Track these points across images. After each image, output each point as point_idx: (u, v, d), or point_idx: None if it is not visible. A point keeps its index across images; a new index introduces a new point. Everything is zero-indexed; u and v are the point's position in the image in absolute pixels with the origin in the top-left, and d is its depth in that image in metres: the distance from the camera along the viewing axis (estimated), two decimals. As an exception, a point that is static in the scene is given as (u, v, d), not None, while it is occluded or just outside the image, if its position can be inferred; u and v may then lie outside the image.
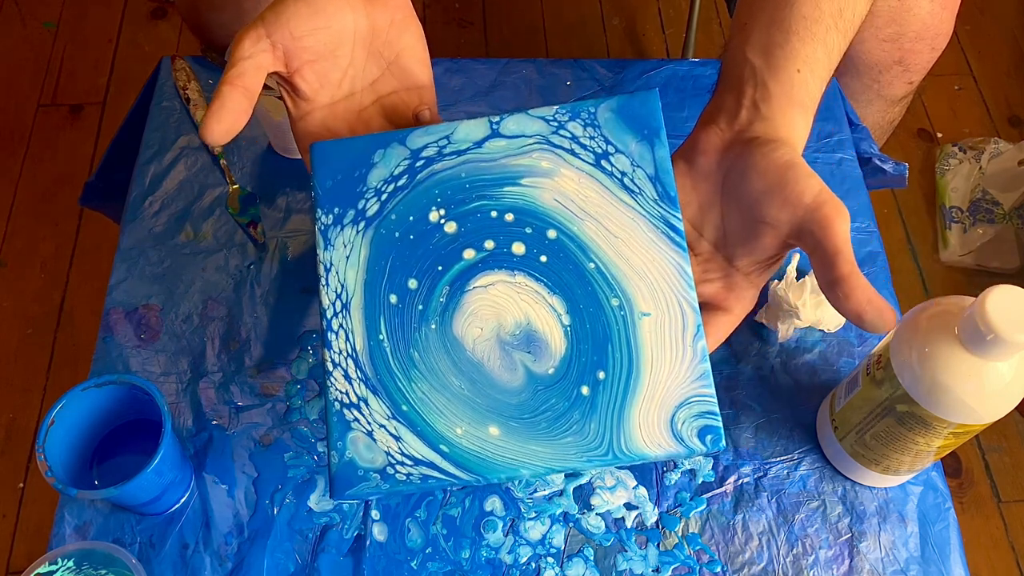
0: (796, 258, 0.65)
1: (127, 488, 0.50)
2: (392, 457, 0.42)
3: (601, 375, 0.43)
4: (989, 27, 1.56)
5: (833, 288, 0.42)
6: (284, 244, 0.67)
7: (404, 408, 0.44)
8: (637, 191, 0.46)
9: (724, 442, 0.42)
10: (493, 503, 0.57)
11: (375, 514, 0.57)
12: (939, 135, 1.45)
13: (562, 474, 0.58)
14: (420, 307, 0.45)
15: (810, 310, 0.62)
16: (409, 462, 0.42)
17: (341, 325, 0.45)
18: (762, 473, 0.59)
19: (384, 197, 0.46)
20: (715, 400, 0.42)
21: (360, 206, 0.46)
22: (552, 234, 0.45)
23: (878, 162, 0.75)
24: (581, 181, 0.46)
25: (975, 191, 1.35)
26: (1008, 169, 1.34)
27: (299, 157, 0.70)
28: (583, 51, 1.50)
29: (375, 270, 0.45)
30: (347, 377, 0.44)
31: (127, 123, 0.76)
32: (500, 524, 0.57)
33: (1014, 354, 0.45)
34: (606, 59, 0.84)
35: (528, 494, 0.58)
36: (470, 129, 0.48)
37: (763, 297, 0.64)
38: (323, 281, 0.45)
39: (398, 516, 0.57)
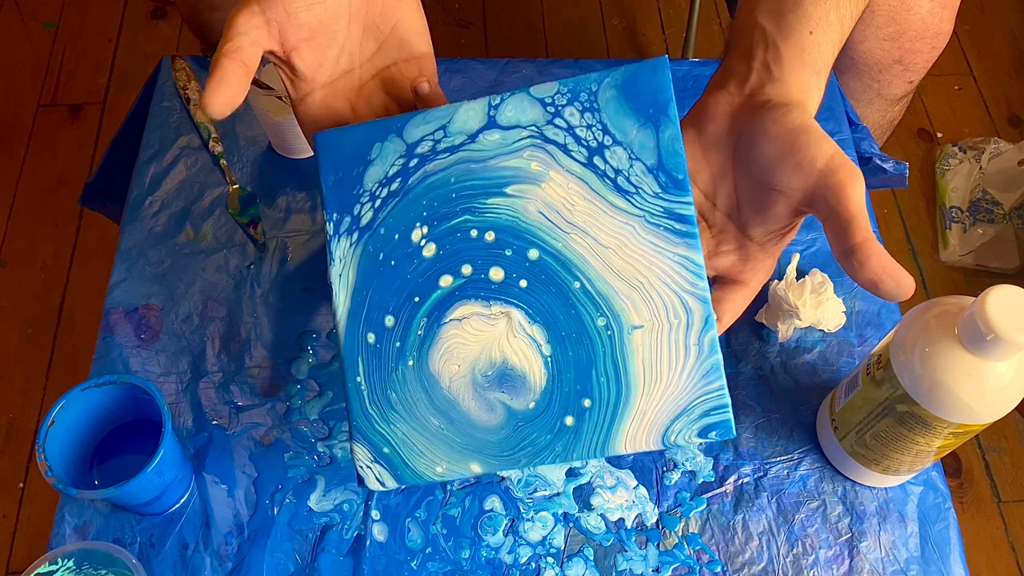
0: (796, 258, 0.65)
1: (127, 488, 0.50)
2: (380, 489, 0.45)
3: (587, 403, 0.43)
4: (989, 27, 1.56)
5: (848, 256, 0.41)
6: (284, 244, 0.67)
7: (386, 451, 0.44)
8: (632, 191, 0.44)
9: (734, 431, 0.41)
10: (493, 503, 0.57)
11: (375, 514, 0.57)
12: (939, 135, 1.45)
13: (563, 474, 0.58)
14: (398, 344, 0.45)
15: (810, 310, 0.62)
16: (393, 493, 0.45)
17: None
18: (762, 473, 0.59)
19: (378, 204, 0.46)
20: (724, 393, 0.41)
21: (356, 212, 0.46)
22: (534, 254, 0.44)
23: (879, 162, 0.75)
24: (570, 187, 0.44)
25: (975, 191, 1.35)
26: (1008, 169, 1.34)
27: (299, 157, 0.70)
28: (583, 51, 1.50)
29: (358, 300, 0.46)
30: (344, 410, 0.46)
31: (127, 123, 0.76)
32: (500, 524, 0.57)
33: (1014, 354, 0.45)
34: (606, 59, 0.84)
35: (528, 494, 0.58)
36: (467, 116, 0.46)
37: (763, 297, 0.64)
38: (333, 295, 0.47)
39: (398, 516, 0.57)
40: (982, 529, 1.14)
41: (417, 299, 0.45)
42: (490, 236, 0.45)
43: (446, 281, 0.45)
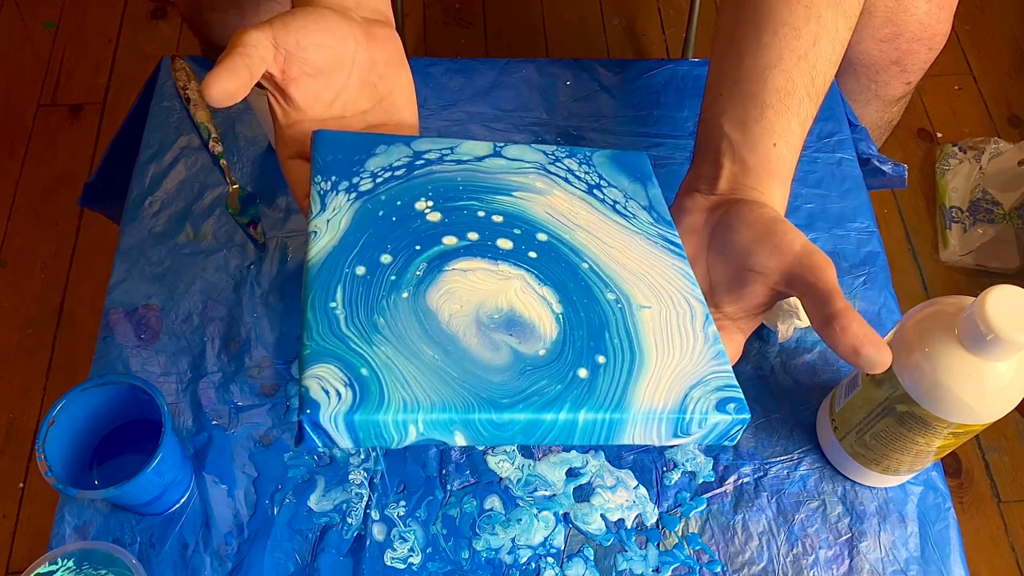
0: (796, 258, 0.64)
1: (127, 488, 0.50)
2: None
3: (601, 359, 0.39)
4: (989, 27, 1.56)
5: (830, 323, 0.42)
6: (284, 244, 0.67)
7: (364, 372, 0.36)
8: (631, 215, 0.47)
9: (749, 414, 0.40)
10: (493, 502, 0.57)
11: (375, 514, 0.57)
12: (939, 135, 1.45)
13: (563, 474, 0.58)
14: (393, 278, 0.40)
15: (810, 310, 0.62)
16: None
17: None
18: (762, 473, 0.59)
19: (379, 180, 0.46)
20: (733, 375, 0.41)
21: (354, 181, 0.45)
22: (542, 237, 0.45)
23: (877, 163, 0.76)
24: (573, 202, 0.47)
25: (975, 191, 1.35)
26: (1008, 169, 1.34)
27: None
28: (583, 51, 1.50)
29: (349, 240, 0.42)
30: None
31: (127, 123, 0.76)
32: (500, 524, 0.57)
33: (1014, 354, 0.45)
34: (606, 59, 0.84)
35: (528, 493, 0.58)
36: (474, 146, 0.49)
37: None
38: (311, 238, 0.43)
39: (398, 516, 0.57)
40: (982, 529, 1.14)
41: (418, 247, 0.42)
42: (498, 218, 0.45)
43: (450, 240, 0.43)
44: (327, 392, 0.36)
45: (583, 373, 0.39)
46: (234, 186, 0.69)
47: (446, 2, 1.56)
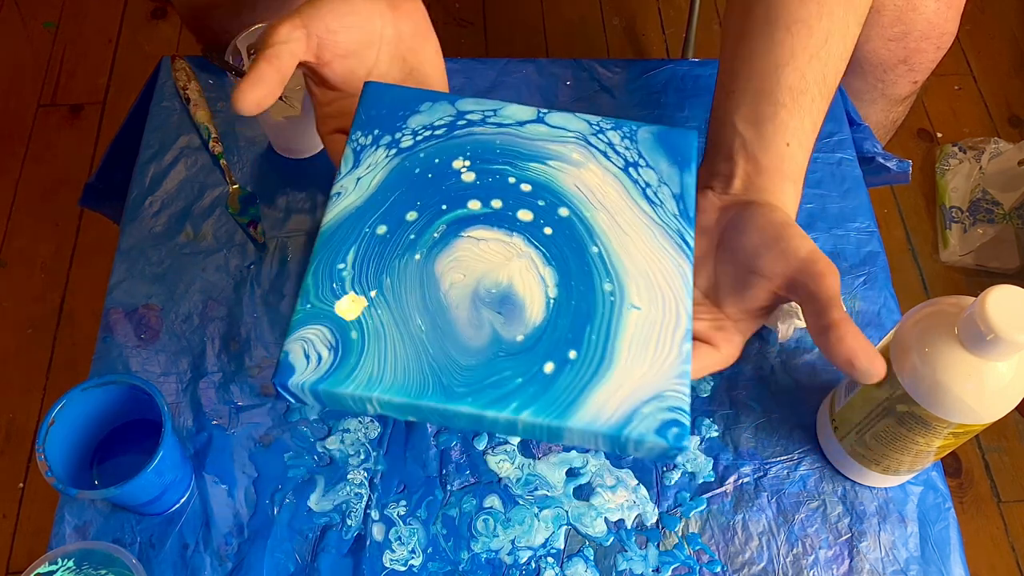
0: (796, 258, 0.64)
1: (127, 488, 0.50)
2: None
3: (573, 354, 0.42)
4: (989, 27, 1.56)
5: (826, 332, 0.43)
6: (284, 244, 0.67)
7: (354, 336, 0.41)
8: (658, 203, 0.47)
9: (688, 441, 0.41)
10: (492, 502, 0.57)
11: (375, 514, 0.57)
12: (939, 135, 1.45)
13: (563, 474, 0.58)
14: (412, 236, 0.44)
15: (810, 310, 0.62)
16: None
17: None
18: (762, 473, 0.59)
19: (419, 138, 0.48)
20: (688, 400, 0.41)
21: (396, 136, 0.48)
22: (564, 212, 0.46)
23: (881, 160, 0.75)
24: (605, 179, 0.48)
25: (975, 191, 1.35)
26: (1008, 169, 1.34)
27: (300, 157, 0.70)
28: (583, 51, 1.50)
29: (377, 198, 0.46)
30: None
31: (127, 123, 0.76)
32: (500, 524, 0.57)
33: (1014, 354, 0.45)
34: (606, 59, 0.84)
35: (528, 492, 0.58)
36: (517, 110, 0.50)
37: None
38: (334, 198, 0.46)
39: (398, 516, 0.57)
40: (982, 529, 1.14)
41: (444, 207, 0.45)
42: (526, 187, 0.47)
43: (474, 205, 0.46)
44: (308, 356, 0.41)
45: (549, 368, 0.41)
46: (234, 186, 0.69)
47: (446, 2, 1.56)
